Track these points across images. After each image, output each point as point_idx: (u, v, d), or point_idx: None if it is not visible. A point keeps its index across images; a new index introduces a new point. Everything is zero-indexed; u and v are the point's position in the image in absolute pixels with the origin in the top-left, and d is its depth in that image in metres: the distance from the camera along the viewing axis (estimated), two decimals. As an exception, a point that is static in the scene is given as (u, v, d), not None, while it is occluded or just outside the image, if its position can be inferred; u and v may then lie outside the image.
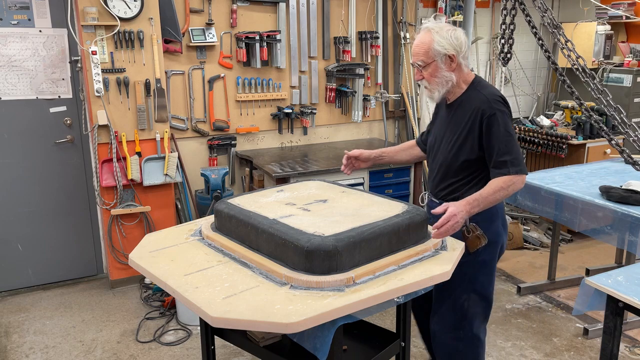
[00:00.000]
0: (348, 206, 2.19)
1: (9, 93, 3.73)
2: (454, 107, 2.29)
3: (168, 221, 3.98)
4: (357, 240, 1.86)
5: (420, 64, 2.21)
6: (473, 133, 2.20)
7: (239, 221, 2.09)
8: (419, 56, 2.20)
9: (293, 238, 1.85)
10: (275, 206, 2.19)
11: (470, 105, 2.21)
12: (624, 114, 2.93)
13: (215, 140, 4.27)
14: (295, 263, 1.84)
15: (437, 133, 2.39)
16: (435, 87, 2.22)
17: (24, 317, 3.63)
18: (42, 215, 3.96)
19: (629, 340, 3.28)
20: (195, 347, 3.22)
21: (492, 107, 2.15)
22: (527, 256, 4.50)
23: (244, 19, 4.21)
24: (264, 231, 1.96)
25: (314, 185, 2.48)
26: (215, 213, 2.25)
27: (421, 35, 2.22)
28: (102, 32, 3.57)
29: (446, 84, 2.21)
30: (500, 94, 2.23)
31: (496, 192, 2.10)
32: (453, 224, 2.00)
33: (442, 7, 4.91)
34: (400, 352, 2.18)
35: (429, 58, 2.18)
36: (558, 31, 2.86)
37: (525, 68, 5.61)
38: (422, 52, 2.19)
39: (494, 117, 2.14)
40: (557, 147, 4.75)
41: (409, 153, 2.64)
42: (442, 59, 2.18)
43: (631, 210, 2.87)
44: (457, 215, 2.00)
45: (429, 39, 2.17)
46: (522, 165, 2.15)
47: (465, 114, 2.22)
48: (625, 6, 5.08)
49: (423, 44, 2.19)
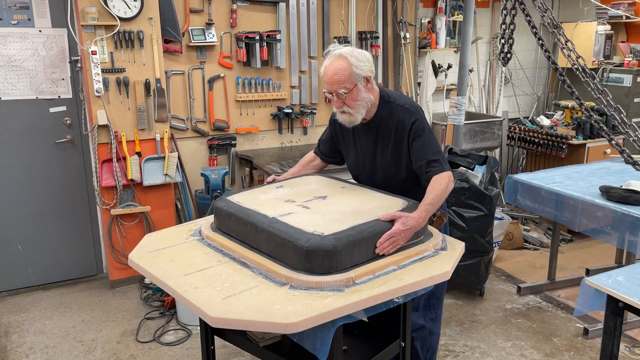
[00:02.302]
0: (348, 203, 2.18)
1: (9, 93, 3.73)
2: (375, 124, 2.35)
3: (168, 221, 3.98)
4: (356, 239, 1.86)
5: (344, 91, 2.20)
6: (402, 142, 2.29)
7: (238, 219, 2.09)
8: (341, 83, 2.19)
9: (292, 237, 1.85)
10: (274, 203, 2.19)
11: (392, 118, 2.30)
12: (624, 114, 2.93)
13: (215, 140, 4.27)
14: (294, 262, 1.84)
15: (364, 152, 2.43)
16: (357, 110, 2.25)
17: (24, 317, 3.63)
18: (42, 215, 3.95)
19: (629, 340, 3.28)
20: (195, 347, 3.22)
21: (412, 115, 2.28)
22: (527, 256, 4.50)
23: (244, 18, 4.21)
24: (264, 230, 1.96)
25: (314, 181, 2.48)
26: (214, 211, 2.25)
27: (335, 62, 2.20)
28: (102, 32, 3.57)
29: (366, 105, 2.26)
30: (412, 101, 2.37)
31: (441, 193, 2.16)
32: (396, 240, 1.98)
33: (442, 7, 4.91)
34: (400, 352, 2.18)
35: (351, 84, 2.20)
36: (558, 31, 2.86)
37: (525, 68, 5.61)
38: (344, 78, 2.18)
39: (418, 122, 2.27)
40: (557, 147, 4.75)
41: (312, 166, 2.69)
42: (361, 82, 2.22)
43: (631, 210, 2.87)
44: (405, 232, 1.98)
45: (346, 64, 2.18)
46: (447, 163, 2.28)
47: (390, 127, 2.31)
48: (625, 6, 5.08)
49: (343, 70, 2.18)
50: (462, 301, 3.76)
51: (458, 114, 3.85)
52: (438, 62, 5.00)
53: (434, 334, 2.58)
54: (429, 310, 2.53)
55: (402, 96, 2.39)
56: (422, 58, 4.98)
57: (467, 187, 3.59)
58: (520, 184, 3.55)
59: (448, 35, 5.01)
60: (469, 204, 3.60)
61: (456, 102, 3.87)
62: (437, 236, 2.14)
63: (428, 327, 2.53)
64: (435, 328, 2.58)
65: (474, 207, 3.59)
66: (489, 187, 3.62)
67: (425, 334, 2.53)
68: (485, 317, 3.55)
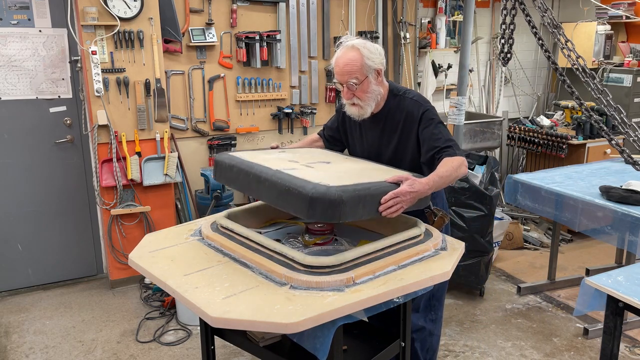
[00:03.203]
0: (353, 167, 2.18)
1: (9, 93, 3.73)
2: (382, 116, 2.35)
3: (168, 221, 3.98)
4: (362, 194, 1.85)
5: (355, 82, 2.20)
6: (410, 134, 2.29)
7: (240, 170, 2.05)
8: (352, 74, 2.18)
9: (298, 185, 1.82)
10: (278, 161, 2.14)
11: (400, 111, 2.30)
12: (624, 114, 2.93)
13: (215, 140, 4.27)
14: (297, 210, 1.82)
15: (370, 144, 2.43)
16: (367, 103, 2.25)
17: (24, 317, 3.63)
18: (42, 215, 3.95)
19: (629, 340, 3.28)
20: (195, 347, 3.22)
21: (421, 106, 2.28)
22: (527, 256, 4.50)
23: (244, 18, 4.21)
24: (267, 179, 1.92)
25: (317, 152, 2.48)
26: (215, 164, 2.22)
27: (348, 53, 2.20)
28: (102, 32, 3.57)
29: (376, 98, 2.27)
30: (420, 95, 2.38)
31: (452, 170, 2.13)
32: (400, 201, 1.95)
33: (442, 7, 4.91)
34: (400, 352, 2.18)
35: (362, 75, 2.20)
36: (558, 31, 2.86)
37: (525, 68, 5.61)
38: (356, 69, 2.18)
39: (427, 112, 2.26)
40: (557, 147, 4.75)
41: (316, 146, 2.69)
42: (372, 74, 2.22)
43: (631, 210, 2.87)
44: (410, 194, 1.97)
45: (359, 56, 2.18)
46: (460, 150, 2.26)
47: (398, 120, 2.30)
48: (625, 6, 5.08)
49: (355, 61, 2.18)
50: (462, 301, 3.76)
51: (458, 114, 3.85)
52: (438, 62, 5.00)
53: (434, 335, 2.58)
54: (429, 312, 2.53)
55: (411, 90, 2.39)
56: (422, 58, 4.98)
57: (467, 187, 3.60)
58: (520, 184, 3.55)
59: (448, 35, 5.01)
60: (469, 204, 3.60)
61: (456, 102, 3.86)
62: (437, 236, 2.14)
63: (428, 328, 2.53)
64: (435, 329, 2.58)
65: (474, 207, 3.60)
66: (489, 187, 3.62)
67: (425, 335, 2.53)
68: (485, 317, 3.55)
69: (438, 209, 2.35)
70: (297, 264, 1.83)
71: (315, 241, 2.15)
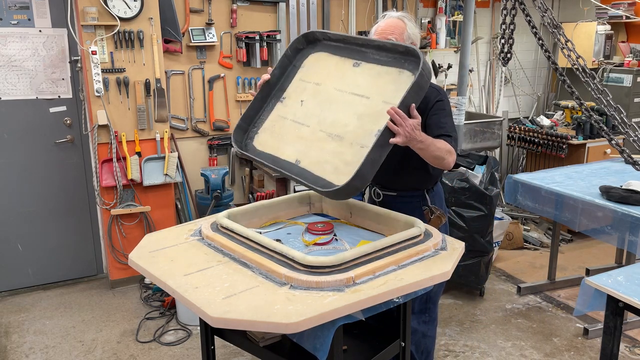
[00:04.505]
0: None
1: (9, 93, 3.73)
2: None
3: (168, 221, 3.98)
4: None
5: (395, 38, 2.27)
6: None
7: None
8: (394, 34, 2.30)
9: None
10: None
11: None
12: (624, 114, 2.93)
13: (215, 140, 4.27)
14: None
15: None
16: None
17: (24, 317, 3.63)
18: (42, 215, 3.95)
19: (629, 340, 3.28)
20: (195, 347, 3.22)
21: (439, 94, 2.33)
22: (527, 256, 4.50)
23: (244, 18, 4.21)
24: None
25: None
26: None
27: (393, 21, 2.32)
28: (102, 32, 3.57)
29: None
30: (439, 86, 2.44)
31: (444, 151, 2.12)
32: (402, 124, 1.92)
33: (442, 7, 4.91)
34: (400, 352, 2.18)
35: (401, 39, 2.29)
36: (558, 31, 2.86)
37: (525, 68, 5.61)
38: (398, 32, 2.30)
39: (442, 102, 2.31)
40: (557, 147, 4.75)
41: None
42: (409, 43, 2.29)
43: (631, 210, 2.87)
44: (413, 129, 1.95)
45: (402, 24, 2.31)
46: (457, 147, 2.30)
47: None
48: (625, 6, 5.08)
49: (398, 26, 2.31)
50: (462, 301, 3.76)
51: (458, 114, 3.85)
52: (438, 62, 5.00)
53: (428, 337, 2.58)
54: (423, 314, 2.54)
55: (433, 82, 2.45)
56: (422, 58, 4.97)
57: (467, 187, 3.60)
58: (520, 184, 3.55)
59: (448, 35, 5.01)
60: (469, 204, 3.60)
61: (456, 102, 3.86)
62: (437, 236, 2.14)
63: (421, 330, 2.54)
64: (429, 331, 2.58)
65: (474, 207, 3.60)
66: (489, 187, 3.62)
67: (419, 337, 2.54)
68: (485, 317, 3.55)
69: (436, 207, 2.37)
70: (297, 264, 1.83)
71: (315, 241, 2.15)
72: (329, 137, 2.16)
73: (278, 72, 2.43)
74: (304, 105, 2.31)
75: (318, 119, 2.24)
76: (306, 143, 2.21)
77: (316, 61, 2.41)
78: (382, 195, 2.49)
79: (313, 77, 2.36)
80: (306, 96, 2.33)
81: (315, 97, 2.30)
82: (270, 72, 2.41)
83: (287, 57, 2.44)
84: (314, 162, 2.14)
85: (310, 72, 2.39)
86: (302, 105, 2.31)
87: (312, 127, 2.23)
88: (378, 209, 2.31)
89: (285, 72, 2.43)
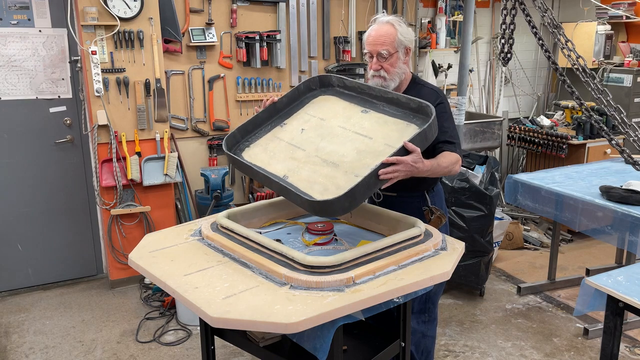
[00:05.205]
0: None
1: (9, 93, 3.73)
2: None
3: (168, 221, 3.98)
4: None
5: (385, 53, 2.28)
6: None
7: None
8: (384, 45, 2.27)
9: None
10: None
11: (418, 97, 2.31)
12: (624, 114, 2.94)
13: (215, 140, 4.26)
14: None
15: None
16: (392, 77, 2.32)
17: (24, 317, 3.63)
18: (42, 215, 3.95)
19: (629, 340, 3.28)
20: (195, 347, 3.22)
21: (439, 97, 2.34)
22: (527, 256, 4.50)
23: (244, 18, 4.21)
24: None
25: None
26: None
27: (383, 27, 2.30)
28: (102, 32, 3.57)
29: (401, 75, 2.34)
30: (440, 89, 2.43)
31: (450, 164, 2.20)
32: (399, 168, 1.95)
33: (442, 7, 4.91)
34: (400, 352, 2.18)
35: (393, 49, 2.29)
36: (558, 31, 2.86)
37: (525, 68, 5.61)
38: (389, 42, 2.27)
39: (442, 105, 2.31)
40: (557, 147, 4.75)
41: None
42: (403, 50, 2.31)
43: (631, 210, 2.87)
44: (411, 167, 1.97)
45: (393, 31, 2.28)
46: (461, 149, 2.33)
47: None
48: (626, 6, 5.08)
49: (388, 35, 2.28)
50: (462, 301, 3.76)
51: (458, 114, 3.84)
52: (438, 62, 5.00)
53: (427, 337, 2.58)
54: (423, 314, 2.54)
55: (432, 84, 2.48)
56: (422, 58, 4.98)
57: (467, 187, 3.59)
58: (520, 184, 3.55)
59: (448, 35, 5.01)
60: (469, 204, 3.60)
61: (456, 102, 3.86)
62: (437, 236, 2.14)
63: (420, 330, 2.54)
64: (428, 331, 2.58)
65: (474, 207, 3.60)
66: (489, 187, 3.62)
67: (418, 337, 2.55)
68: (485, 317, 3.55)
69: (436, 208, 2.37)
70: (297, 264, 1.83)
71: (315, 241, 2.15)
72: (323, 162, 2.13)
73: (286, 100, 2.45)
74: (303, 133, 2.30)
75: (316, 147, 2.22)
76: (298, 164, 2.17)
77: (325, 101, 2.45)
78: (382, 196, 2.49)
79: (319, 113, 2.38)
80: (308, 127, 2.32)
81: (316, 129, 2.29)
82: (278, 98, 2.44)
83: (298, 90, 2.47)
84: (303, 179, 2.09)
85: (316, 108, 2.42)
86: (301, 133, 2.31)
87: (307, 152, 2.20)
88: (378, 209, 2.31)
89: (293, 103, 2.46)
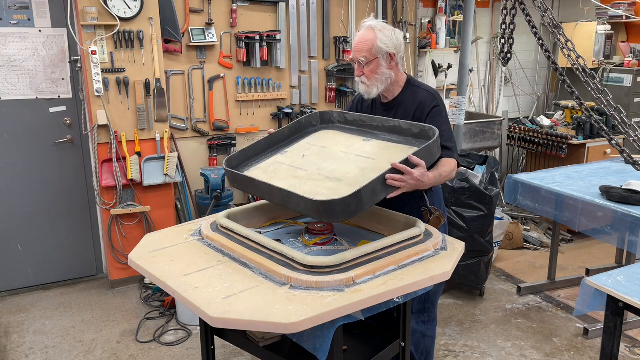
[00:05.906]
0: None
1: (9, 93, 3.73)
2: (395, 105, 2.40)
3: (168, 221, 3.98)
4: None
5: (362, 60, 2.28)
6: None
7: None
8: (362, 52, 2.28)
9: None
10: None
11: (413, 101, 2.35)
12: (624, 114, 2.93)
13: (215, 140, 4.27)
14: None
15: None
16: (374, 83, 2.31)
17: (24, 317, 3.63)
18: (42, 215, 3.95)
19: (629, 340, 3.28)
20: (195, 347, 3.22)
21: (435, 99, 2.33)
22: (527, 256, 4.50)
23: (244, 18, 4.21)
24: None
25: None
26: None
27: (364, 33, 2.30)
28: (102, 32, 3.57)
29: (386, 81, 2.33)
30: (436, 91, 2.42)
31: (450, 172, 2.25)
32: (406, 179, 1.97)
33: (442, 7, 4.91)
34: (400, 352, 2.18)
35: (372, 55, 2.27)
36: (558, 31, 2.86)
37: (525, 68, 5.61)
38: (366, 49, 2.27)
39: (438, 108, 2.32)
40: (557, 147, 4.75)
41: None
42: (384, 56, 2.29)
43: (631, 210, 2.87)
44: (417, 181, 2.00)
45: (372, 37, 2.26)
46: (457, 152, 2.35)
47: (410, 109, 2.35)
48: (626, 6, 5.08)
49: (367, 41, 2.27)
50: (462, 301, 3.76)
51: (458, 114, 3.85)
52: (438, 62, 5.00)
53: (427, 337, 2.59)
54: (422, 314, 2.55)
55: (427, 85, 2.46)
56: (422, 58, 4.98)
57: (467, 187, 3.59)
58: (520, 184, 3.55)
59: (448, 35, 5.01)
60: (469, 204, 3.60)
61: (456, 102, 3.86)
62: (437, 236, 2.14)
63: (420, 330, 2.55)
64: (428, 331, 2.58)
65: (474, 207, 3.60)
66: (489, 187, 3.62)
67: (418, 337, 2.55)
68: (485, 317, 3.55)
69: (435, 208, 2.37)
70: (297, 264, 1.83)
71: (315, 241, 2.15)
72: (326, 179, 2.11)
73: (287, 132, 2.47)
74: (305, 158, 2.31)
75: (318, 167, 2.21)
76: (300, 180, 2.14)
77: (326, 134, 2.47)
78: None
79: (320, 142, 2.40)
80: (309, 153, 2.33)
81: (318, 155, 2.30)
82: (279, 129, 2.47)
83: (299, 123, 2.49)
84: (305, 192, 2.02)
85: (317, 139, 2.44)
86: (302, 158, 2.32)
87: (309, 171, 2.19)
88: (378, 209, 2.31)
89: (294, 135, 2.48)
